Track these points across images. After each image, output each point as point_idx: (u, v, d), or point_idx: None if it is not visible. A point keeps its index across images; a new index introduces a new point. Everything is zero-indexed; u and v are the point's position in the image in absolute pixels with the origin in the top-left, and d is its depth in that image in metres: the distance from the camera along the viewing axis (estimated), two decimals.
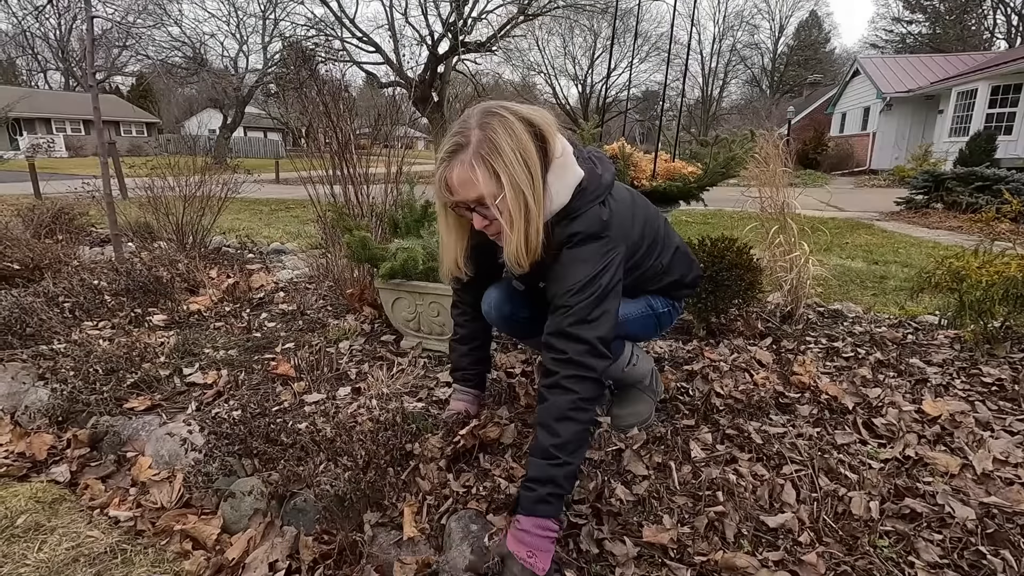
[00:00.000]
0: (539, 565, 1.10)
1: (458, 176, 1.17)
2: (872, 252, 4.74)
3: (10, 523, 1.45)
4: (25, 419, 1.90)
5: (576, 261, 1.23)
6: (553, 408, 1.19)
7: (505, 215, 1.17)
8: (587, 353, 1.21)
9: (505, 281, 1.59)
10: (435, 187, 1.25)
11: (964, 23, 29.90)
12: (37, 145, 23.03)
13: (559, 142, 1.23)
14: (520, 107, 1.22)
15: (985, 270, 2.16)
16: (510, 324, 1.56)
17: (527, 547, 1.11)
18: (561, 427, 1.17)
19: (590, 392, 1.21)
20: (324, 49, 17.79)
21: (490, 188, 1.16)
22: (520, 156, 1.15)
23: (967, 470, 1.43)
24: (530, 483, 1.16)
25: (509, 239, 1.19)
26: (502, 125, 1.15)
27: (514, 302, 1.54)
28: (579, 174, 1.25)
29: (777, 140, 2.54)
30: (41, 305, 2.57)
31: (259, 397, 1.89)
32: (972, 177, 7.44)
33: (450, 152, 1.18)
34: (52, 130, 29.33)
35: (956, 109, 13.59)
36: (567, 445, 1.16)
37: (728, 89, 40.74)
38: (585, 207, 1.24)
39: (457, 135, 1.18)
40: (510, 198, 1.15)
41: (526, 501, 1.15)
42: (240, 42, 21.02)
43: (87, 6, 3.39)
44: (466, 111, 1.24)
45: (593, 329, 1.22)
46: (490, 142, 1.14)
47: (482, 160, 1.14)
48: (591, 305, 1.22)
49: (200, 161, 4.27)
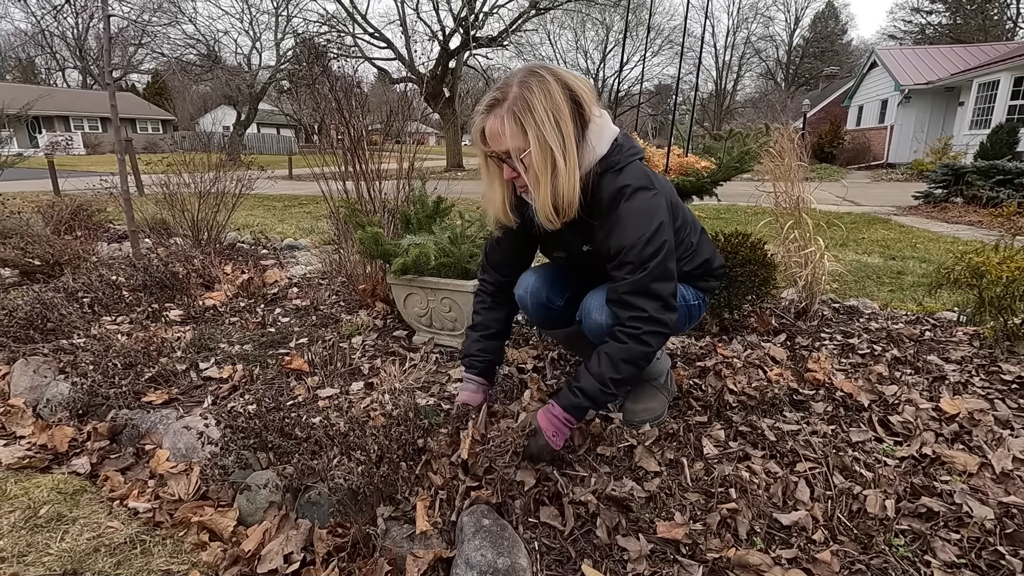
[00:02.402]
0: (556, 442, 1.36)
1: (490, 128, 1.27)
2: (889, 247, 4.67)
3: (33, 513, 1.49)
4: (47, 412, 1.94)
5: (636, 213, 1.29)
6: (625, 352, 1.32)
7: (531, 170, 1.25)
8: (663, 309, 1.31)
9: (543, 268, 1.64)
10: (473, 136, 1.35)
11: (986, 12, 29.24)
12: (56, 143, 23.42)
13: (596, 108, 1.31)
14: (561, 71, 1.28)
15: (1006, 265, 2.11)
16: (543, 312, 1.62)
17: (553, 427, 1.36)
18: (625, 368, 1.32)
19: (660, 344, 1.34)
20: (336, 45, 17.83)
21: (516, 142, 1.24)
22: (552, 116, 1.21)
23: (986, 469, 1.40)
24: (576, 390, 1.35)
25: (537, 192, 1.27)
26: (540, 85, 1.22)
27: (552, 290, 1.59)
28: (615, 130, 1.34)
29: (792, 134, 2.50)
30: (61, 300, 2.62)
31: (274, 391, 1.92)
32: (993, 170, 7.27)
33: (488, 105, 1.27)
34: (70, 128, 29.80)
35: (977, 101, 13.30)
36: (622, 382, 1.34)
37: (742, 82, 40.28)
38: (625, 161, 1.32)
39: (498, 90, 1.26)
40: (535, 154, 1.22)
41: (565, 399, 1.37)
42: (253, 39, 21.20)
43: (104, 5, 3.43)
44: (513, 70, 1.33)
45: (668, 284, 1.32)
46: (524, 100, 1.21)
47: (513, 116, 1.22)
48: (663, 260, 1.30)
49: (215, 158, 4.31)
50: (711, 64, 36.32)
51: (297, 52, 17.91)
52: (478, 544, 1.16)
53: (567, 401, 1.37)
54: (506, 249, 1.61)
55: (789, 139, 2.47)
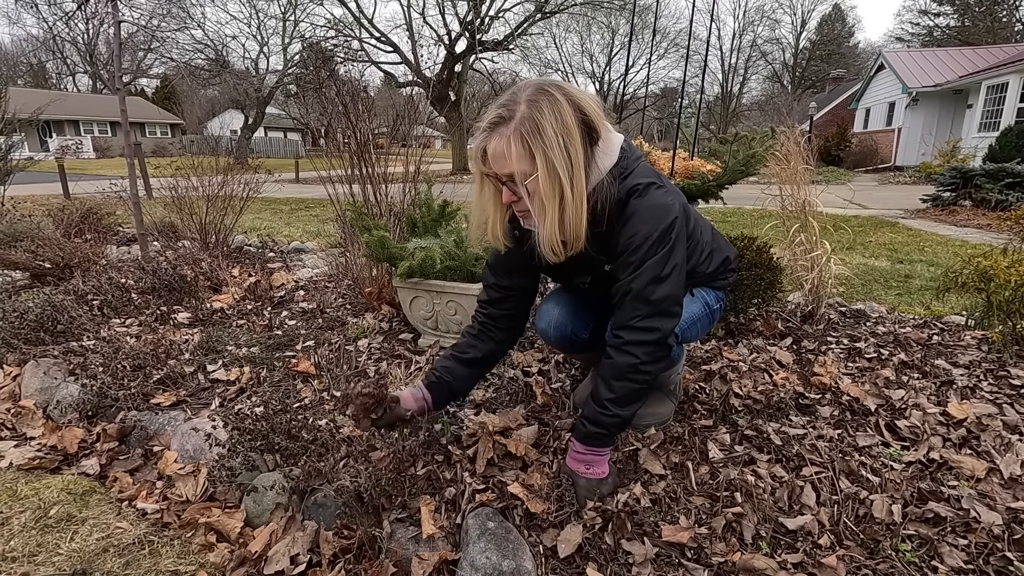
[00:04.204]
0: (597, 472, 1.33)
1: (494, 149, 1.17)
2: (897, 251, 4.64)
3: (43, 514, 1.50)
4: (57, 413, 1.96)
5: (647, 208, 1.22)
6: (613, 367, 1.27)
7: (536, 197, 1.16)
8: (654, 315, 1.24)
9: (565, 298, 1.56)
10: (472, 154, 1.25)
11: (994, 14, 29.05)
12: (66, 147, 23.66)
13: (605, 124, 1.24)
14: (572, 88, 1.19)
15: (1015, 269, 2.10)
16: (567, 344, 1.57)
17: (584, 463, 1.33)
18: (617, 385, 1.27)
19: (650, 356, 1.25)
20: (343, 50, 17.96)
21: (523, 167, 1.15)
22: (562, 140, 1.13)
23: (994, 474, 1.39)
24: (584, 420, 1.33)
25: (543, 222, 1.18)
26: (550, 105, 1.13)
27: (576, 323, 1.52)
28: (620, 138, 1.28)
29: (798, 137, 2.50)
30: (71, 303, 2.65)
31: (280, 394, 1.93)
32: (1002, 173, 7.21)
33: (492, 123, 1.17)
34: (80, 132, 30.11)
35: (986, 103, 13.21)
36: (619, 400, 1.28)
37: (748, 85, 40.22)
38: (634, 164, 1.26)
39: (503, 107, 1.16)
40: (543, 180, 1.14)
41: (579, 433, 1.34)
42: (261, 44, 21.35)
43: (114, 11, 3.47)
44: (520, 83, 1.23)
45: (664, 287, 1.23)
46: (533, 121, 1.12)
47: (520, 138, 1.13)
48: (671, 268, 1.22)
49: (222, 161, 4.35)
50: (717, 67, 36.31)
51: (304, 56, 18.06)
52: (483, 547, 1.17)
53: (579, 434, 1.34)
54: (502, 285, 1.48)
55: (795, 142, 2.46)
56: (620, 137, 1.28)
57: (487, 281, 1.51)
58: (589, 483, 1.32)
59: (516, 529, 1.25)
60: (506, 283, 1.47)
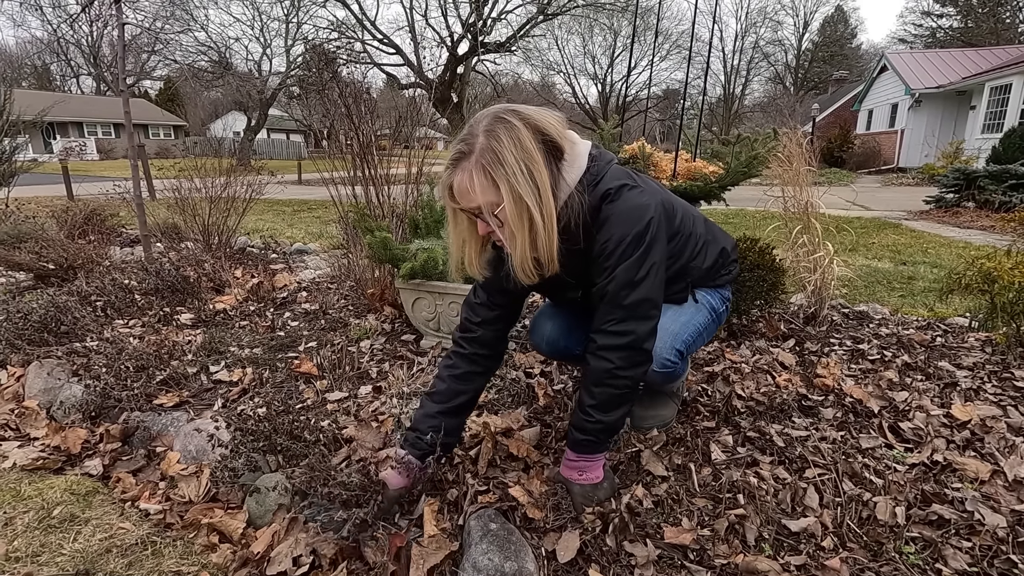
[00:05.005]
0: (591, 477, 1.34)
1: (458, 184, 1.15)
2: (900, 252, 4.63)
3: (47, 514, 1.51)
4: (60, 414, 1.97)
5: (619, 213, 1.19)
6: (592, 373, 1.27)
7: (507, 226, 1.15)
8: (628, 319, 1.21)
9: (557, 313, 1.56)
10: (440, 192, 1.24)
11: (998, 16, 28.98)
12: (69, 148, 23.73)
13: (567, 136, 1.21)
14: (528, 112, 1.17)
15: (1018, 270, 2.09)
16: (560, 357, 1.60)
17: (577, 470, 1.34)
18: (597, 391, 1.27)
19: (625, 361, 1.22)
20: (345, 51, 18.00)
21: (488, 198, 1.13)
22: (524, 166, 1.11)
23: (998, 476, 1.39)
24: (573, 428, 1.33)
25: (514, 247, 1.16)
26: (508, 132, 1.11)
27: (569, 338, 1.53)
28: (587, 144, 1.24)
29: (801, 138, 2.50)
30: (75, 304, 2.66)
31: (283, 395, 1.93)
32: (1006, 175, 7.19)
33: (454, 159, 1.15)
34: (84, 133, 30.21)
35: (989, 105, 13.17)
36: (600, 406, 1.27)
37: (751, 87, 40.17)
38: (604, 169, 1.23)
39: (462, 141, 1.15)
40: (509, 208, 1.12)
41: (570, 440, 1.35)
42: (264, 45, 21.39)
43: (118, 13, 3.49)
44: (477, 115, 1.20)
45: (639, 291, 1.20)
46: (492, 151, 1.10)
47: (483, 170, 1.11)
48: (635, 264, 1.19)
49: (225, 163, 4.36)
50: (719, 69, 36.26)
51: (307, 58, 18.10)
52: (485, 548, 1.17)
53: (570, 441, 1.35)
54: (496, 303, 1.41)
55: (797, 143, 2.46)
56: (587, 144, 1.24)
57: (478, 299, 1.42)
58: (584, 489, 1.33)
59: (518, 531, 1.24)
60: (500, 300, 1.41)
